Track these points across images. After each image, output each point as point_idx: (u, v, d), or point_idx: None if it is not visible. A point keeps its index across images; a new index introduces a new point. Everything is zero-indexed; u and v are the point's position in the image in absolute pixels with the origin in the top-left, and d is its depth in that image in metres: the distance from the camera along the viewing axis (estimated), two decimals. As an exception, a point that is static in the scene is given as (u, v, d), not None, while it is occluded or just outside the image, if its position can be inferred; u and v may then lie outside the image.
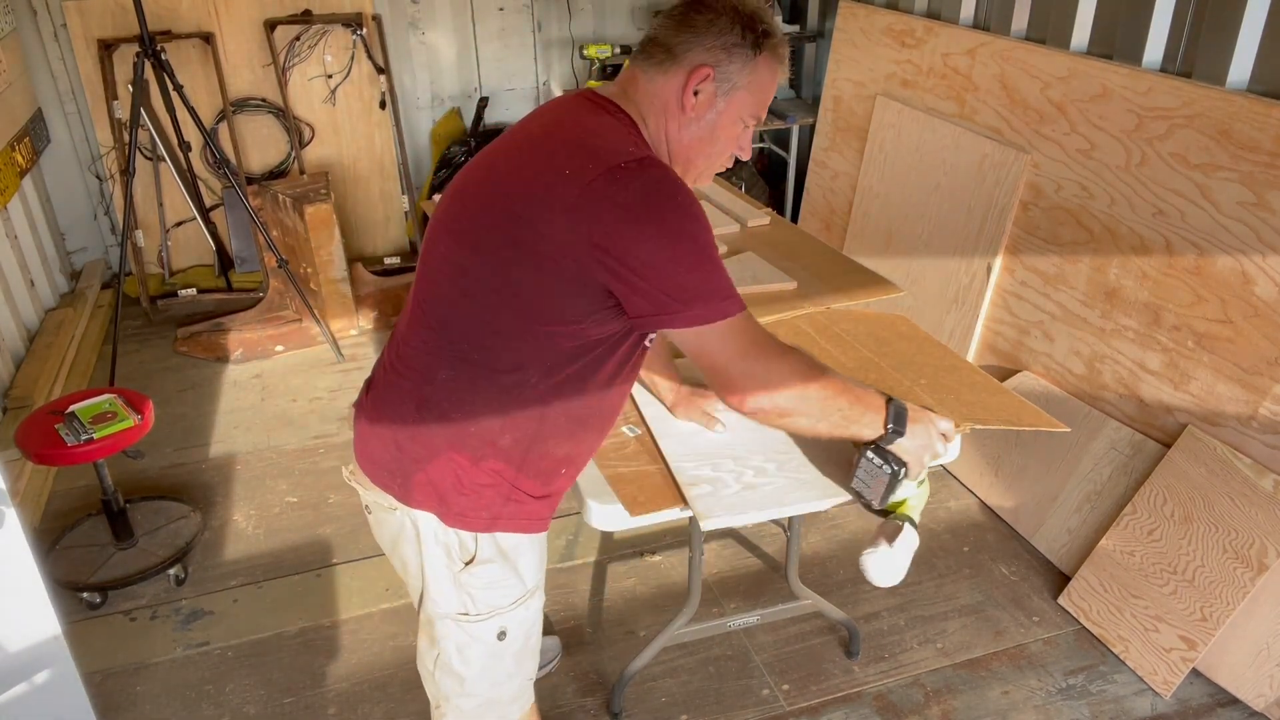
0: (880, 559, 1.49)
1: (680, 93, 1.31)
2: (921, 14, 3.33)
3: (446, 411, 1.33)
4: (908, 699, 2.24)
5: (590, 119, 1.31)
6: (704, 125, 1.34)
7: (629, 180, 1.19)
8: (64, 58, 4.06)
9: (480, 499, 1.36)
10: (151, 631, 2.45)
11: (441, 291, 1.33)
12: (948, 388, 1.82)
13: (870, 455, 1.47)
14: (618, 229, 1.19)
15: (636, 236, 1.19)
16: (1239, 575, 2.12)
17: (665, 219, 1.20)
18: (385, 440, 1.39)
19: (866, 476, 1.50)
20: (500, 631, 1.45)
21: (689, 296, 1.21)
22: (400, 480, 1.37)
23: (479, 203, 1.31)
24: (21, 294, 3.69)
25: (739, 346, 1.28)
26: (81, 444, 2.35)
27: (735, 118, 1.35)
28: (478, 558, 1.39)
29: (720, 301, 1.23)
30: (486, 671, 1.49)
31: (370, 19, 4.23)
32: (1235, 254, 2.21)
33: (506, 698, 1.54)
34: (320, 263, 3.72)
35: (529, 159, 1.29)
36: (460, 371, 1.31)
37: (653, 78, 1.32)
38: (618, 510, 1.56)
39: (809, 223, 3.91)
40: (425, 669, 1.53)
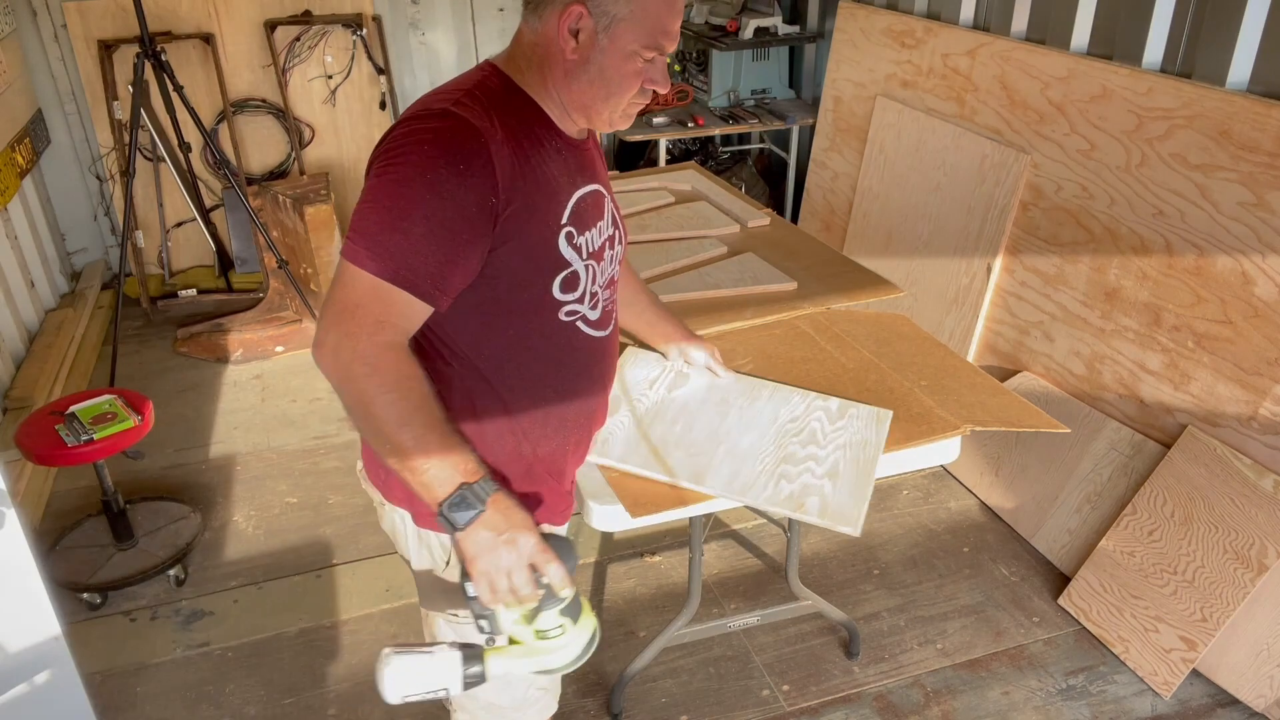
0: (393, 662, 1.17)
1: (557, 37, 1.22)
2: (921, 14, 3.33)
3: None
4: (908, 699, 2.24)
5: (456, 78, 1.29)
6: (593, 68, 1.24)
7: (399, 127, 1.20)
8: (64, 58, 4.06)
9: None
10: (151, 632, 2.45)
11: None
12: (948, 389, 1.82)
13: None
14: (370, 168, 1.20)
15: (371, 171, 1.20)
16: (1239, 576, 2.12)
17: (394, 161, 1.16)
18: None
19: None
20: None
21: (353, 230, 1.16)
22: (383, 477, 1.38)
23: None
24: (21, 295, 3.69)
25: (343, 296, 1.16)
26: (81, 444, 2.35)
27: (625, 53, 1.23)
28: (454, 559, 1.36)
29: (364, 246, 1.14)
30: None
31: (370, 19, 4.23)
32: (1235, 254, 2.21)
33: (508, 705, 1.49)
34: (320, 263, 3.71)
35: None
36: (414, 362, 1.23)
37: (532, 27, 1.25)
38: (618, 511, 1.56)
39: (809, 223, 3.91)
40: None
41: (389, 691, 1.17)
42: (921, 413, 1.74)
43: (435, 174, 1.14)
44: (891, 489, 2.96)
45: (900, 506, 2.88)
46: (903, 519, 2.83)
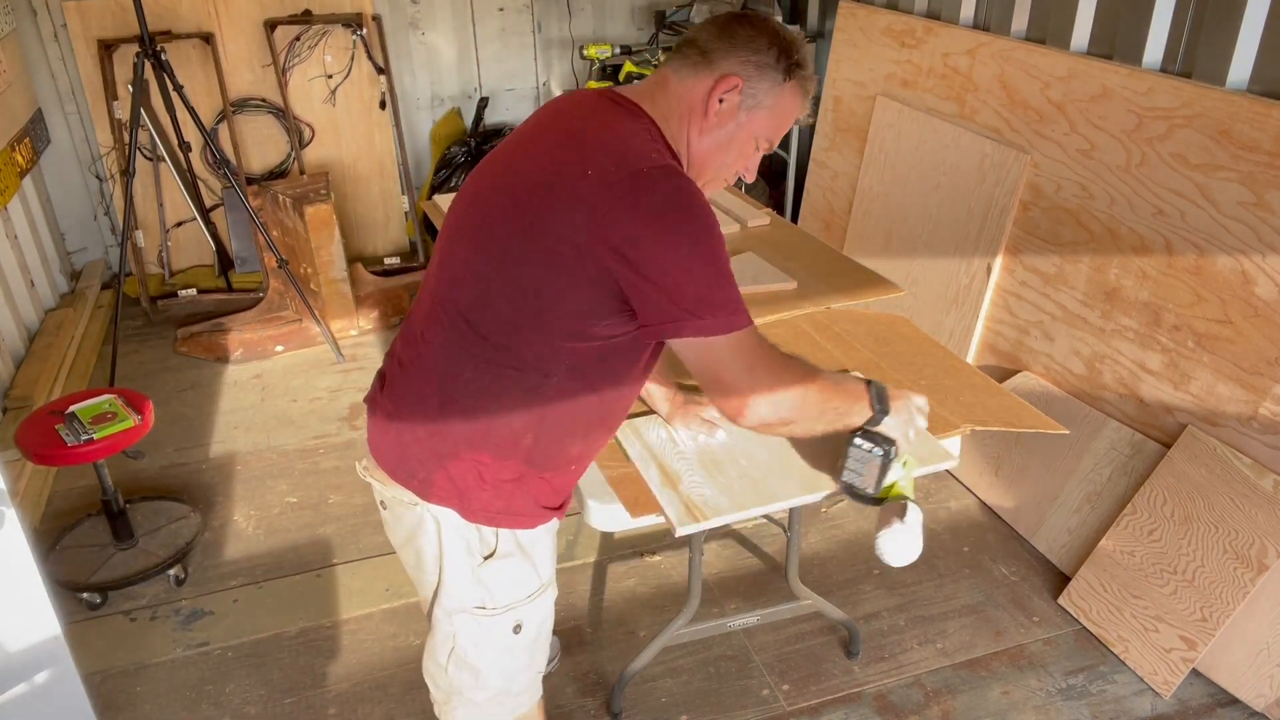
0: (897, 537, 1.48)
1: (707, 96, 1.32)
2: (921, 14, 3.33)
3: (471, 410, 1.34)
4: (908, 699, 2.24)
5: (613, 120, 1.31)
6: (723, 134, 1.35)
7: (652, 186, 1.21)
8: (64, 58, 4.06)
9: (500, 496, 1.38)
10: (151, 632, 2.45)
11: (461, 291, 1.33)
12: (947, 389, 1.82)
13: (859, 442, 1.48)
14: (637, 234, 1.20)
15: (655, 243, 1.20)
16: (1239, 575, 2.12)
17: (684, 228, 1.21)
18: (405, 437, 1.39)
19: (858, 465, 1.50)
20: (516, 625, 1.47)
21: (700, 308, 1.22)
22: (421, 476, 1.38)
23: (498, 203, 1.31)
24: (21, 294, 3.69)
25: (745, 361, 1.29)
26: (81, 444, 2.35)
27: (751, 135, 1.37)
28: (498, 552, 1.41)
29: (729, 315, 1.24)
30: (500, 664, 1.51)
31: (370, 19, 4.23)
32: (1235, 254, 2.21)
33: (517, 689, 1.56)
34: (320, 263, 3.72)
35: (548, 159, 1.29)
36: (484, 371, 1.32)
37: (683, 78, 1.34)
38: (618, 511, 1.56)
39: (809, 223, 3.91)
40: (436, 664, 1.53)
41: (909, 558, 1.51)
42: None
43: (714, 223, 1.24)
44: (891, 489, 2.95)
45: (900, 506, 2.88)
46: (903, 519, 2.83)
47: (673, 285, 1.21)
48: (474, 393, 1.33)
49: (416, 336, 1.41)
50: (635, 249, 1.20)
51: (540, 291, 1.26)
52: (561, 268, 1.23)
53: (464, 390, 1.33)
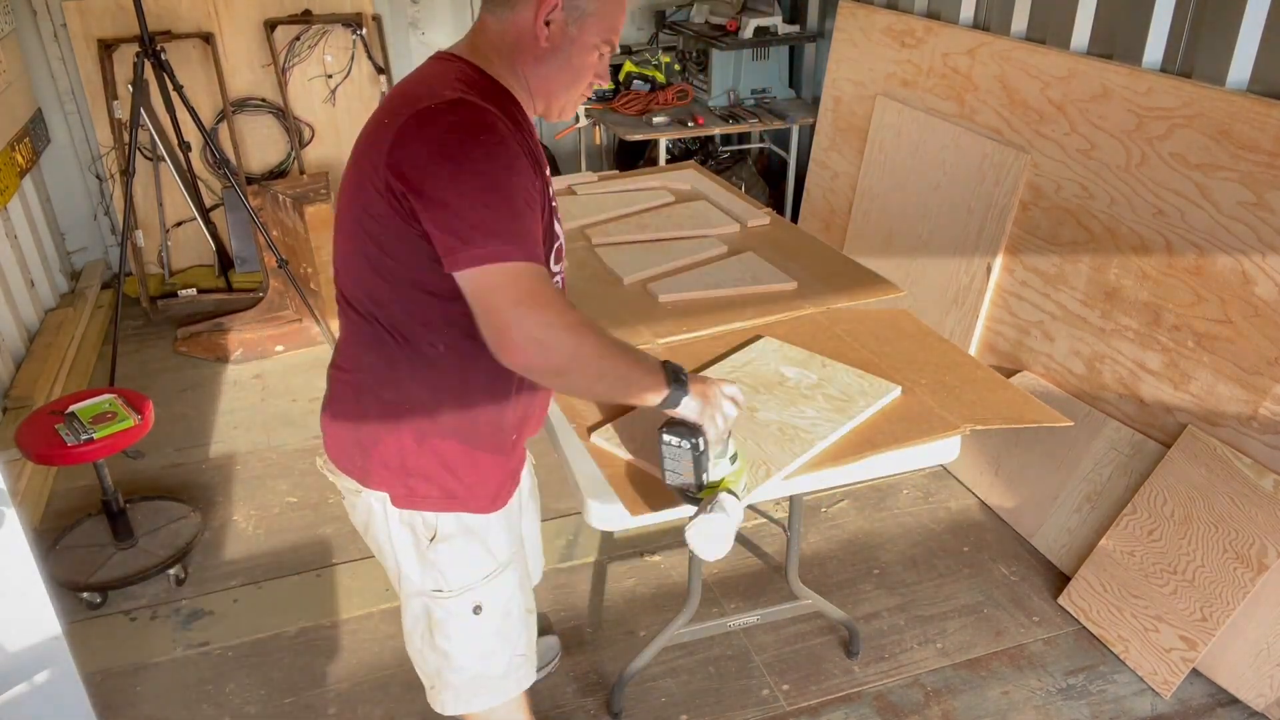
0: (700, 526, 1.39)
1: (532, 25, 1.31)
2: (921, 14, 3.33)
3: (380, 394, 1.38)
4: (908, 699, 2.24)
5: (424, 74, 1.34)
6: (560, 56, 1.34)
7: (434, 119, 1.22)
8: (64, 58, 4.06)
9: (432, 479, 1.40)
10: (151, 631, 2.45)
11: (342, 280, 1.38)
12: (949, 386, 1.82)
13: (666, 438, 1.41)
14: (416, 165, 1.21)
15: (433, 172, 1.20)
16: (1239, 575, 2.12)
17: (460, 156, 1.20)
18: (341, 427, 1.44)
19: (674, 463, 1.43)
20: (475, 606, 1.49)
21: (472, 235, 1.19)
22: (360, 463, 1.42)
23: (345, 185, 1.36)
24: (21, 294, 3.69)
25: (514, 294, 1.21)
26: (81, 444, 2.35)
27: (589, 45, 1.35)
28: (439, 534, 1.43)
29: (502, 244, 1.20)
30: (468, 646, 1.53)
31: (370, 19, 4.23)
32: (1235, 254, 2.21)
33: (497, 673, 1.56)
34: (320, 263, 3.71)
35: (369, 124, 1.33)
36: (382, 354, 1.35)
37: (501, 17, 1.33)
38: (618, 510, 1.56)
39: (809, 223, 3.91)
40: (414, 647, 1.56)
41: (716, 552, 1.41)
42: (922, 412, 1.74)
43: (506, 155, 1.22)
44: (891, 488, 2.96)
45: (900, 506, 2.88)
46: (903, 519, 2.83)
47: (446, 214, 1.20)
48: (380, 377, 1.37)
49: (339, 342, 1.47)
50: (415, 180, 1.20)
51: (380, 253, 1.28)
52: (383, 223, 1.25)
53: (371, 375, 1.38)
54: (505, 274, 1.20)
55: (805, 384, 1.82)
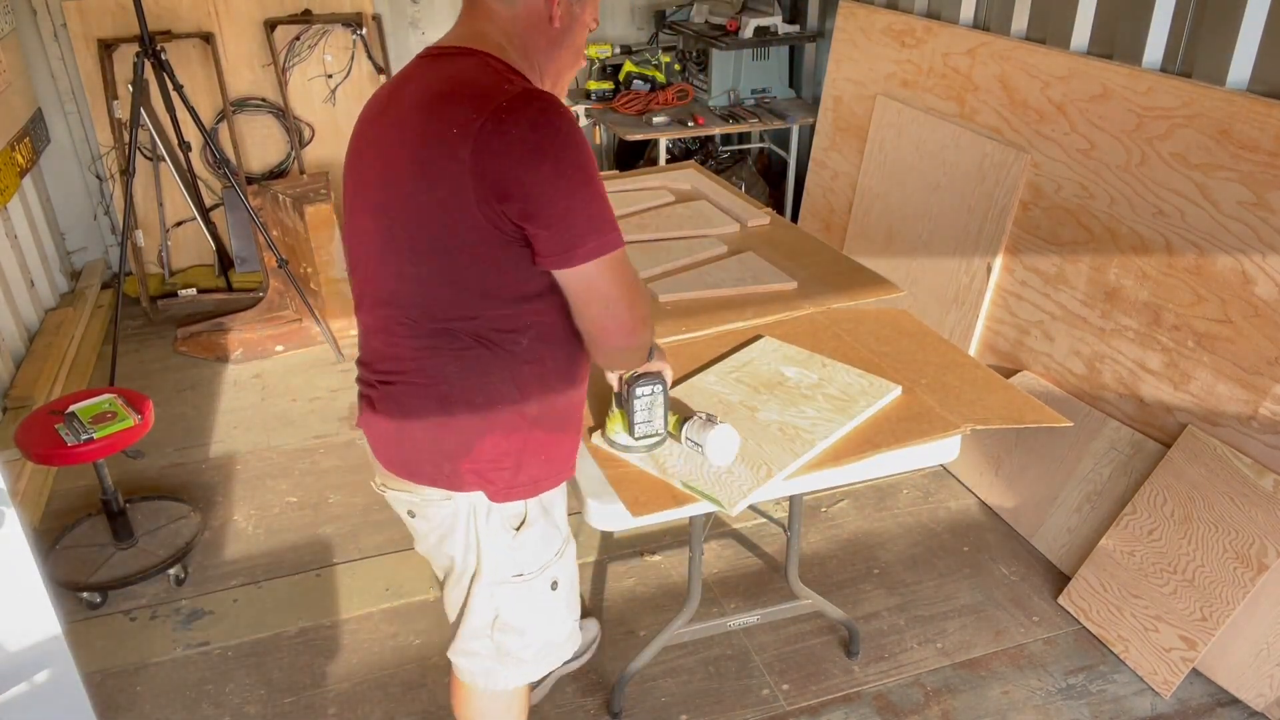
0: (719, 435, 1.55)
1: (547, 5, 1.32)
2: (921, 14, 3.33)
3: (470, 400, 1.37)
4: (908, 699, 2.24)
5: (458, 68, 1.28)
6: (568, 36, 1.36)
7: (515, 117, 1.18)
8: (64, 58, 4.06)
9: (521, 469, 1.43)
10: (151, 631, 2.45)
11: (410, 302, 1.34)
12: (949, 386, 1.82)
13: (640, 391, 1.54)
14: (513, 171, 1.18)
15: (532, 175, 1.18)
16: (1239, 575, 2.12)
17: (555, 151, 1.19)
18: (419, 442, 1.42)
19: (645, 413, 1.56)
20: (553, 582, 1.56)
21: (584, 231, 1.21)
22: (448, 470, 1.42)
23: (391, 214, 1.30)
24: (21, 294, 3.69)
25: (626, 279, 1.27)
26: (81, 444, 2.35)
27: (584, 24, 1.38)
28: (527, 520, 1.48)
29: (609, 233, 1.23)
30: (544, 621, 1.59)
31: (370, 19, 4.23)
32: (1235, 254, 2.21)
33: (561, 639, 1.64)
34: (320, 263, 3.72)
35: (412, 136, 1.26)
36: (468, 362, 1.34)
37: (511, 1, 1.32)
38: (618, 510, 1.56)
39: (809, 223, 3.91)
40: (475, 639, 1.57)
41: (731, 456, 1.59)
42: (922, 412, 1.74)
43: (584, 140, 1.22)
44: (891, 488, 2.96)
45: (900, 506, 2.88)
46: (903, 518, 2.83)
47: (557, 215, 1.20)
48: (468, 385, 1.36)
49: (388, 354, 1.41)
50: (515, 187, 1.18)
51: (474, 270, 1.26)
52: (475, 237, 1.22)
53: (459, 386, 1.36)
54: (616, 262, 1.25)
55: (805, 384, 1.82)
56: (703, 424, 1.57)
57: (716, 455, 1.56)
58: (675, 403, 1.70)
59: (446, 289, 1.30)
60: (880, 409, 1.75)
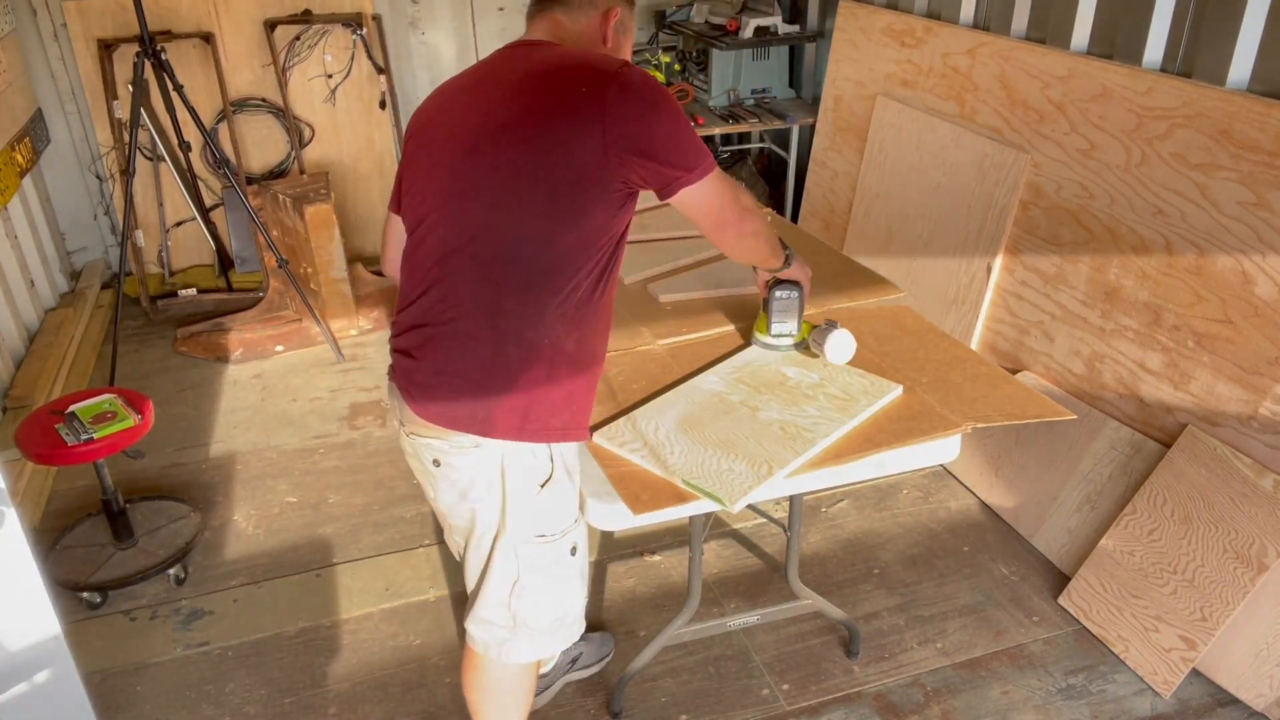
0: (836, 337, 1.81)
1: (601, 29, 1.59)
2: (921, 14, 3.33)
3: (522, 336, 1.46)
4: (908, 699, 2.24)
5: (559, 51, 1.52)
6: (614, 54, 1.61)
7: (631, 82, 1.41)
8: (64, 58, 4.06)
9: (554, 410, 1.52)
10: (151, 631, 2.45)
11: (483, 238, 1.46)
12: (951, 383, 1.82)
13: (779, 294, 1.83)
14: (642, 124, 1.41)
15: (657, 124, 1.43)
16: (1239, 575, 2.12)
17: (663, 105, 1.43)
18: (460, 383, 1.49)
19: (783, 314, 1.85)
20: (573, 547, 1.62)
21: (695, 159, 1.46)
22: (482, 415, 1.49)
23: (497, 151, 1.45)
24: (21, 294, 3.69)
25: (729, 187, 1.56)
26: (81, 444, 2.35)
27: (626, 51, 1.65)
28: (553, 477, 1.55)
29: (708, 156, 1.49)
30: (560, 589, 1.65)
31: (370, 19, 4.23)
32: (1235, 254, 2.21)
33: (571, 618, 1.70)
34: (320, 263, 3.72)
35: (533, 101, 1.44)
36: (525, 299, 1.45)
37: (576, 19, 1.58)
38: (619, 509, 1.56)
39: (809, 223, 3.91)
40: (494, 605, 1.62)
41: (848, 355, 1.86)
42: (923, 411, 1.74)
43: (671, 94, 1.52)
44: (891, 488, 2.96)
45: (900, 506, 2.88)
46: (903, 518, 2.83)
47: (670, 151, 1.44)
48: (523, 320, 1.46)
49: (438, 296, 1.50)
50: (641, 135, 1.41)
51: (567, 211, 1.42)
52: (583, 182, 1.41)
53: (513, 321, 1.46)
54: (721, 176, 1.52)
55: (806, 383, 1.82)
56: (824, 328, 1.82)
57: (834, 355, 1.81)
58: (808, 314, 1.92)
59: (537, 222, 1.43)
60: (881, 408, 1.75)
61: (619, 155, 1.40)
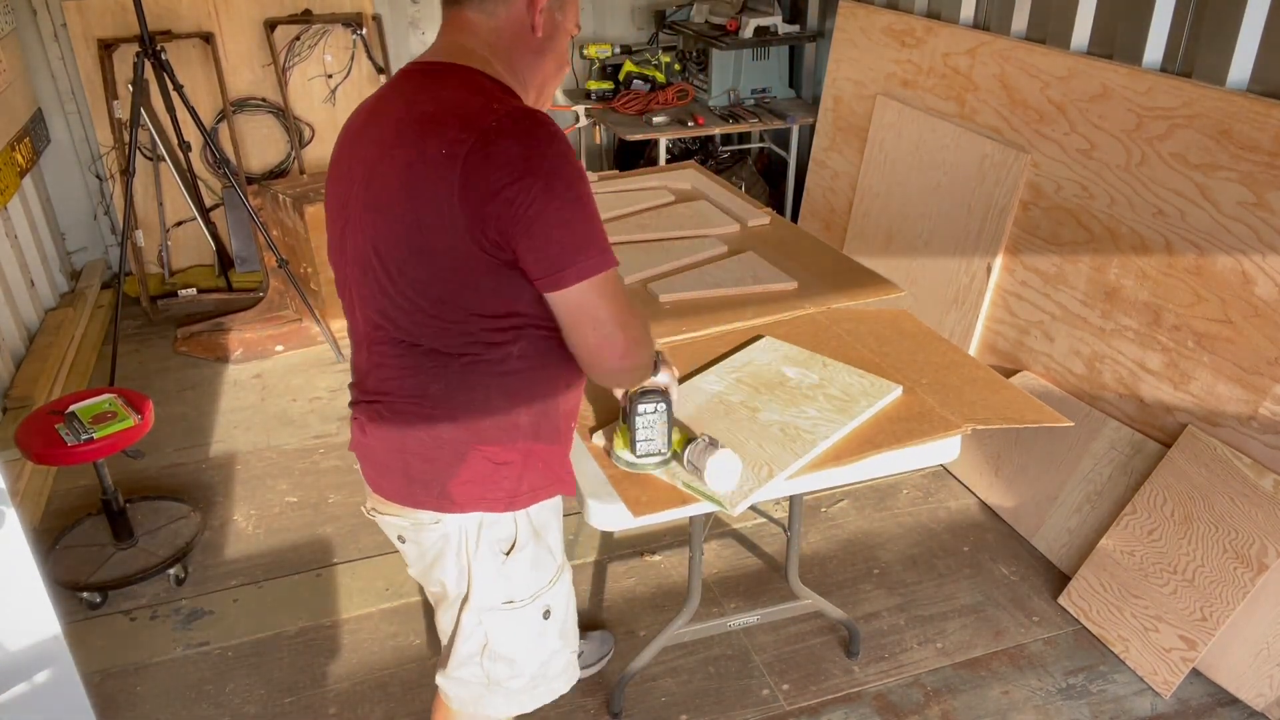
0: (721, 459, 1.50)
1: (527, 15, 1.30)
2: (921, 14, 3.33)
3: (458, 418, 1.34)
4: (908, 699, 2.24)
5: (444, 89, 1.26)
6: (551, 44, 1.34)
7: (503, 138, 1.16)
8: (64, 58, 4.06)
9: (520, 477, 1.40)
10: (151, 631, 2.45)
11: (394, 322, 1.31)
12: (950, 386, 1.82)
13: (643, 408, 1.51)
14: (502, 192, 1.15)
15: (522, 195, 1.15)
16: (1239, 575, 2.12)
17: (543, 171, 1.16)
18: (408, 463, 1.39)
19: (647, 430, 1.54)
20: (545, 611, 1.52)
21: (573, 253, 1.19)
22: (436, 491, 1.39)
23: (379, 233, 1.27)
24: (21, 294, 3.69)
25: (621, 298, 1.25)
26: (81, 444, 2.35)
27: (565, 30, 1.36)
28: (517, 544, 1.44)
29: (599, 253, 1.20)
30: (535, 651, 1.55)
31: (370, 19, 4.23)
32: (1235, 254, 2.21)
33: (554, 673, 1.60)
34: (320, 262, 3.71)
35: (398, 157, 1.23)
36: (451, 379, 1.32)
37: (492, 12, 1.30)
38: (619, 510, 1.56)
39: (809, 223, 3.91)
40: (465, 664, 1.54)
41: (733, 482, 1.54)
42: (922, 412, 1.74)
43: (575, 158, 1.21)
44: (891, 488, 2.96)
45: (900, 506, 2.88)
46: (903, 518, 2.83)
47: (546, 233, 1.17)
48: (455, 402, 1.33)
49: (369, 369, 1.40)
50: (499, 209, 1.16)
51: (463, 289, 1.24)
52: (467, 258, 1.20)
53: (445, 403, 1.33)
54: (608, 283, 1.22)
55: (806, 384, 1.82)
56: (704, 448, 1.52)
57: (716, 481, 1.52)
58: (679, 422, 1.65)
59: (432, 307, 1.27)
60: (881, 409, 1.75)
61: (476, 225, 1.17)
